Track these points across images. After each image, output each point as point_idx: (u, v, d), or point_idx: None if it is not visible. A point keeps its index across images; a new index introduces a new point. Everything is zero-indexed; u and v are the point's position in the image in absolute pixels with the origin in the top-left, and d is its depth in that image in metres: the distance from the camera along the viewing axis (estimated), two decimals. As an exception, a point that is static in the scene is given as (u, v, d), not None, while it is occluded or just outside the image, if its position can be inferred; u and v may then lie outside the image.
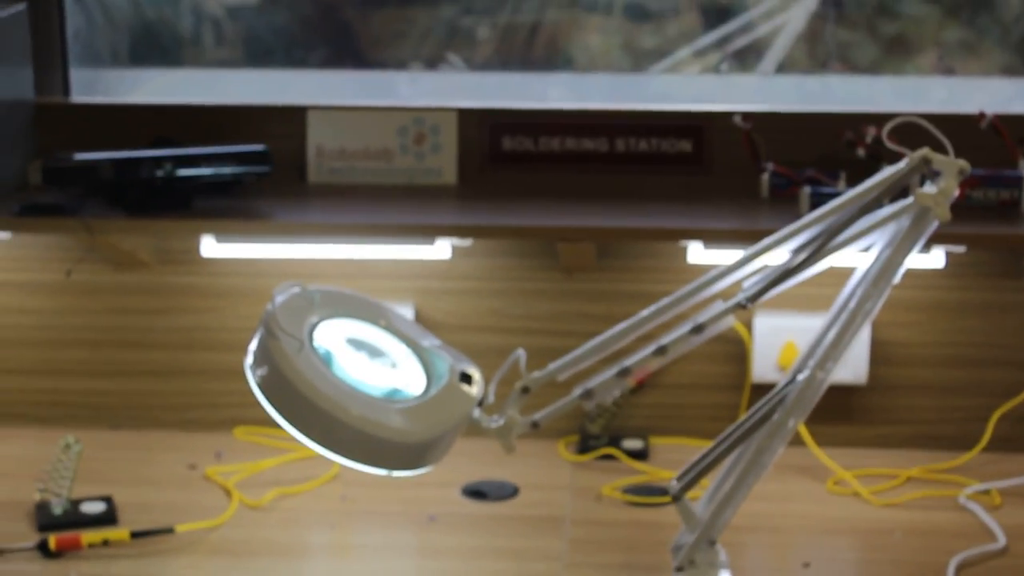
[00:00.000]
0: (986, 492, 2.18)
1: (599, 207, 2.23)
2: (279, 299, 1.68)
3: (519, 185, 2.32)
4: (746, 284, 1.70)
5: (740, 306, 1.69)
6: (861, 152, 2.17)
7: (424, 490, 2.19)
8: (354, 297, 1.76)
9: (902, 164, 1.65)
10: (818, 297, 2.32)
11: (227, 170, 2.17)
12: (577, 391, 1.73)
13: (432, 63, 3.31)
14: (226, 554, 1.99)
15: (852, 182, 2.11)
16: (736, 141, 2.25)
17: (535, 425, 1.74)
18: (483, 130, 2.33)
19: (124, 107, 2.43)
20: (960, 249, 2.19)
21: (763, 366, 2.33)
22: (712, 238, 2.12)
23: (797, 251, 1.70)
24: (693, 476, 1.72)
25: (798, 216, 1.73)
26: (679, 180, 2.32)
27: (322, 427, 1.64)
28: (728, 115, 2.24)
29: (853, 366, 2.32)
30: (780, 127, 2.27)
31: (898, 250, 1.65)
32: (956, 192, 1.65)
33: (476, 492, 2.20)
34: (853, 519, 2.12)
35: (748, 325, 2.33)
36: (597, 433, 2.38)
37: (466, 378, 1.71)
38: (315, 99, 2.37)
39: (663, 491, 2.02)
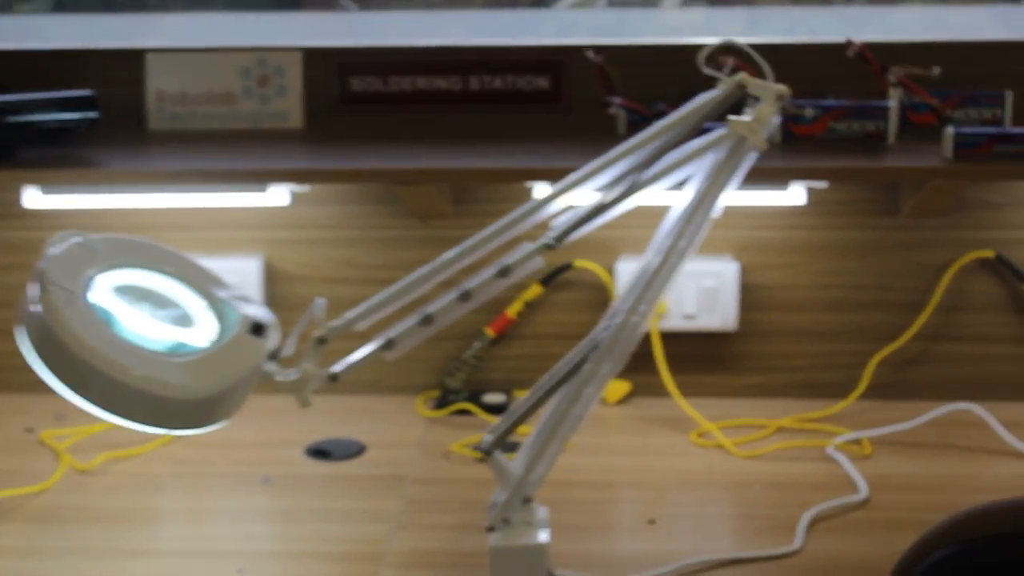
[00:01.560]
0: (856, 442, 2.07)
1: (452, 149, 2.11)
2: (53, 250, 1.56)
3: (369, 128, 2.20)
4: (555, 223, 1.58)
5: (547, 247, 1.57)
6: (723, 85, 2.04)
7: (266, 450, 2.09)
8: (143, 245, 1.64)
9: (717, 91, 1.53)
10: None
11: (51, 116, 2.05)
12: (379, 340, 1.61)
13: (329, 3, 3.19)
14: (47, 521, 1.88)
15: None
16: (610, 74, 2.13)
17: (333, 378, 1.62)
18: (330, 71, 2.20)
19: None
20: (822, 185, 2.07)
21: (628, 314, 2.21)
22: (558, 178, 1.99)
23: (609, 186, 1.58)
24: (504, 430, 1.61)
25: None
26: (537, 119, 2.20)
27: (97, 387, 1.52)
28: (586, 49, 2.11)
29: (722, 312, 2.21)
30: (639, 60, 2.15)
31: (713, 183, 1.53)
32: (776, 119, 1.53)
33: (320, 451, 2.09)
34: (713, 472, 2.02)
35: (610, 270, 2.22)
36: (457, 387, 2.27)
37: (258, 328, 1.59)
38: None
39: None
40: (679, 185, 1.57)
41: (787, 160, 1.96)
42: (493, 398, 2.25)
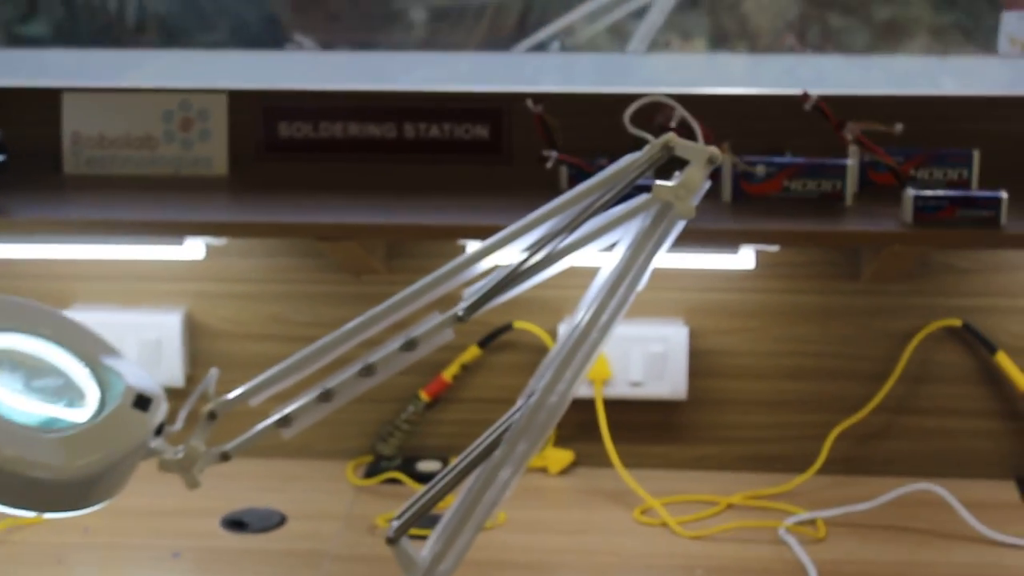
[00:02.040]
0: (811, 522, 1.93)
1: (384, 201, 1.97)
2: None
3: (297, 177, 2.07)
4: (467, 291, 1.45)
5: (457, 318, 1.44)
6: (670, 139, 1.91)
7: (181, 519, 1.95)
8: (19, 305, 1.50)
9: (642, 152, 1.40)
10: (639, 301, 2.07)
11: (-46, 160, 1.92)
12: (274, 416, 1.48)
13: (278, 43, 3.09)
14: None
15: (659, 172, 1.87)
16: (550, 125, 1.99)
17: (225, 457, 1.48)
18: (256, 115, 2.07)
19: None
20: (773, 248, 1.94)
21: (571, 379, 2.08)
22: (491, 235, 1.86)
23: (531, 250, 1.45)
24: (411, 516, 1.47)
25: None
26: (476, 170, 2.07)
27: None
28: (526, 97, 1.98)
29: (671, 379, 2.07)
30: (581, 110, 2.02)
31: (636, 253, 1.40)
32: (705, 183, 1.40)
33: (236, 522, 1.95)
34: (655, 554, 1.88)
35: (552, 332, 2.08)
36: (390, 454, 2.13)
37: (142, 401, 1.46)
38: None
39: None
40: (609, 248, 1.44)
41: (737, 221, 1.83)
42: (427, 466, 2.12)
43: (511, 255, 1.45)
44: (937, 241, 1.78)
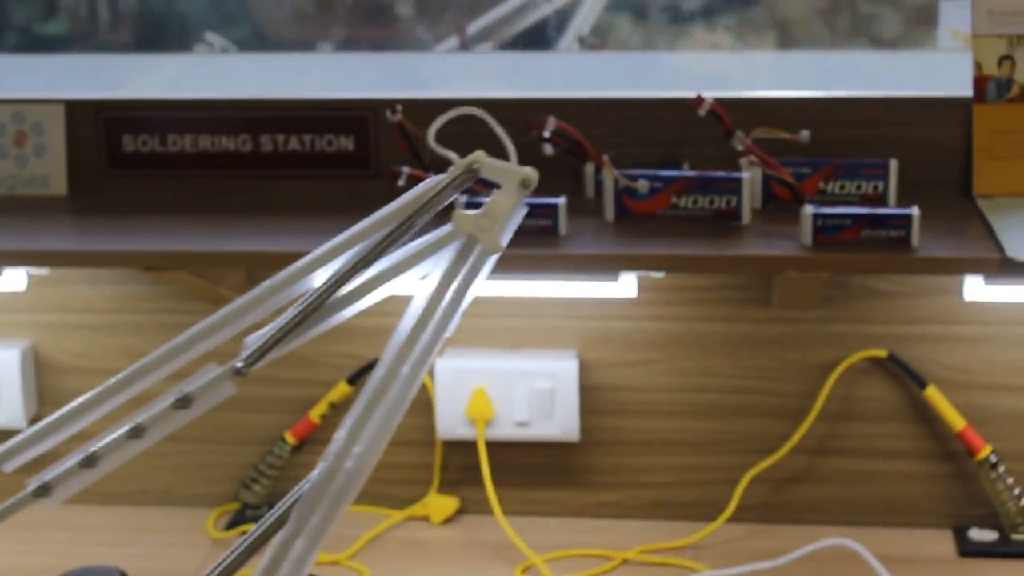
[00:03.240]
0: (712, 582, 1.71)
1: (235, 221, 1.76)
2: None
3: (143, 195, 1.86)
4: (248, 339, 1.23)
5: (236, 371, 1.22)
6: (550, 149, 1.69)
7: (5, 581, 1.75)
8: None
9: (444, 175, 1.18)
10: (523, 331, 1.86)
11: None
12: (32, 484, 1.26)
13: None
14: None
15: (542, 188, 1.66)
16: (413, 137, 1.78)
17: (-28, 530, 1.27)
18: (98, 128, 1.86)
19: None
20: (658, 275, 1.72)
21: (450, 419, 1.87)
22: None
23: (324, 288, 1.23)
24: (191, 600, 1.26)
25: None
26: (342, 186, 1.85)
27: None
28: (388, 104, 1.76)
29: (560, 418, 1.85)
30: (458, 118, 1.79)
31: (439, 292, 1.18)
32: (519, 211, 1.18)
33: (66, 585, 1.74)
34: (528, 621, 1.66)
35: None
36: (255, 502, 1.92)
37: None
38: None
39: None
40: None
41: (614, 244, 1.61)
42: (296, 515, 1.90)
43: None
44: (837, 266, 1.55)
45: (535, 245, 1.60)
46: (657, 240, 1.61)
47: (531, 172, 1.17)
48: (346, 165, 1.84)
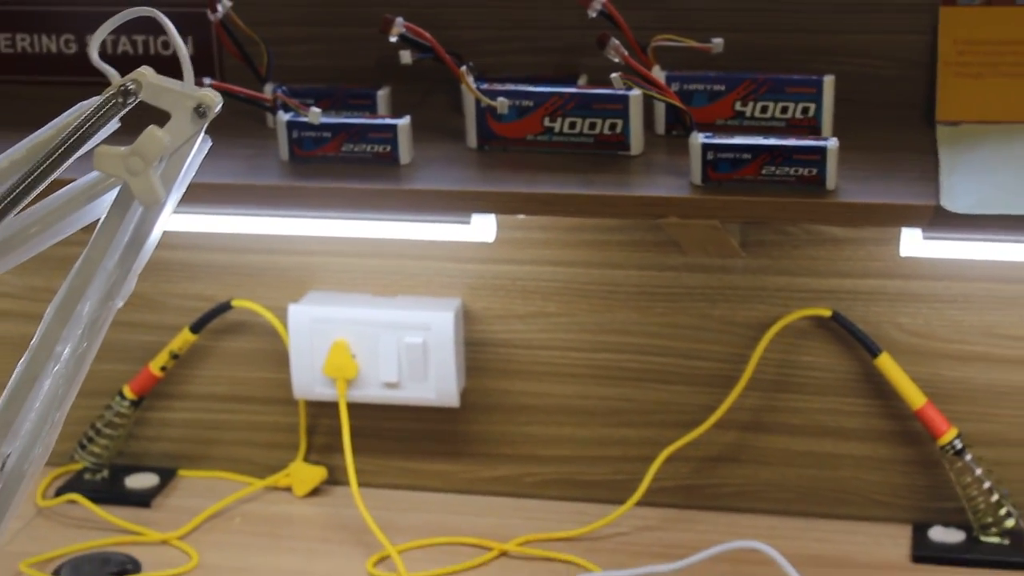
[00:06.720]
0: (600, 585, 1.42)
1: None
2: None
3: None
4: None
5: None
6: (408, 56, 1.37)
7: None
8: None
9: (95, 99, 0.88)
10: (395, 275, 1.55)
11: None
12: None
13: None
14: None
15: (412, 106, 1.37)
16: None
17: None
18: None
19: None
20: (518, 216, 1.41)
21: (307, 376, 1.58)
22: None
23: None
24: None
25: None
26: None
27: None
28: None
29: (436, 379, 1.55)
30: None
31: (95, 252, 0.88)
32: (196, 146, 0.87)
33: None
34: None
35: (282, 312, 1.57)
36: (94, 463, 1.65)
37: None
38: None
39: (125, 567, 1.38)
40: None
41: (463, 178, 1.30)
42: (141, 481, 1.64)
43: None
44: (726, 211, 1.23)
45: (370, 177, 1.29)
46: (517, 173, 1.29)
47: (207, 95, 0.87)
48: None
